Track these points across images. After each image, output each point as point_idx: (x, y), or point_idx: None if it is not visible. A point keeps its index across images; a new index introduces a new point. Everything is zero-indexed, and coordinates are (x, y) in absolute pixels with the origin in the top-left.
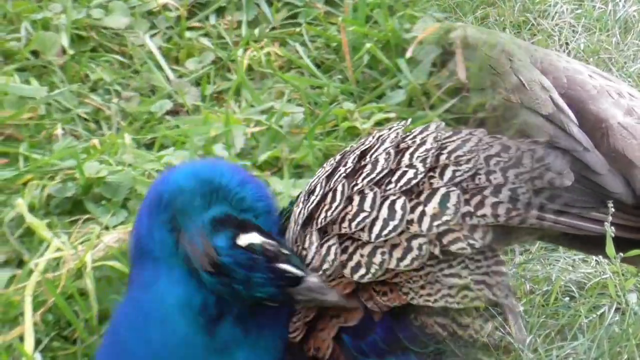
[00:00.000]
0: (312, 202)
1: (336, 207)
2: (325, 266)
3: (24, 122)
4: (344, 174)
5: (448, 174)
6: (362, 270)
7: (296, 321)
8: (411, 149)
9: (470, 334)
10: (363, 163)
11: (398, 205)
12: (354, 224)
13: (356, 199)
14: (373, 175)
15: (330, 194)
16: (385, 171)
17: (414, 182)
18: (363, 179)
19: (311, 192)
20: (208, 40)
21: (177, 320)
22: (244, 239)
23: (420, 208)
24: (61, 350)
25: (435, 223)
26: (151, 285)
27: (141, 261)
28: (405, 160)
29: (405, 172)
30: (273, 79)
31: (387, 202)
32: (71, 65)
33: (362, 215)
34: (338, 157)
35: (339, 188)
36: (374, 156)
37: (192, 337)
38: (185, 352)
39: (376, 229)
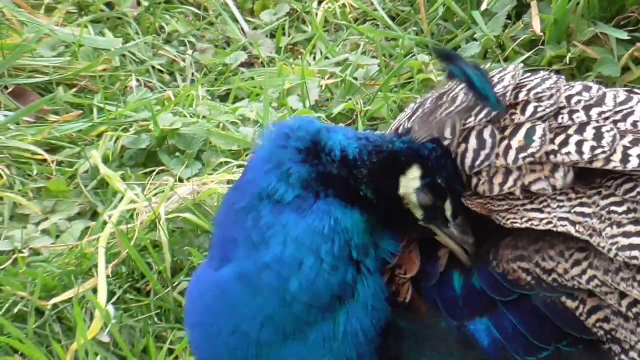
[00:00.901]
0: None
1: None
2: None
3: (98, 74)
4: (421, 114)
5: (530, 109)
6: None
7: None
8: None
9: (555, 278)
10: (440, 102)
11: (486, 134)
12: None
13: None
14: (451, 109)
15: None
16: (465, 104)
17: (494, 113)
18: (441, 113)
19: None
20: None
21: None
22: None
23: (505, 142)
24: (134, 302)
25: (521, 155)
26: (282, 225)
27: (254, 212)
28: None
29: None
30: (348, 31)
31: (474, 133)
32: (146, 16)
33: (446, 142)
34: (418, 101)
35: (415, 127)
36: (451, 95)
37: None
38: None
39: (468, 161)
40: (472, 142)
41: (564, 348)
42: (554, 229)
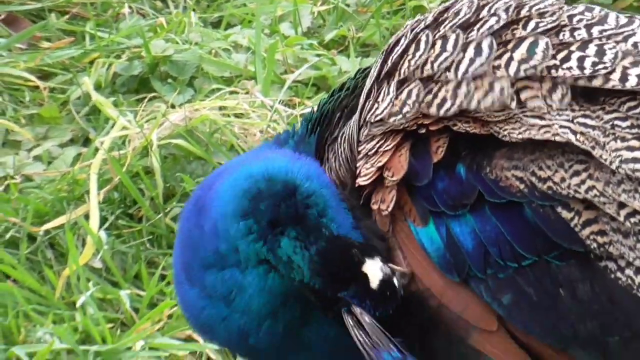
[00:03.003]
0: (396, 52)
1: (420, 56)
2: (406, 109)
3: (91, 1)
4: (424, 25)
5: (532, 25)
6: (448, 104)
7: (369, 167)
8: (490, 4)
9: (550, 186)
10: (443, 17)
11: (485, 44)
12: (436, 65)
13: (438, 43)
14: (455, 21)
15: (414, 45)
16: (468, 16)
17: (496, 27)
18: (445, 26)
19: (395, 44)
20: None
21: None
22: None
23: (507, 55)
24: (126, 228)
25: (523, 67)
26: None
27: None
28: (485, 12)
29: (486, 21)
30: None
31: (473, 44)
32: None
33: (445, 55)
34: (418, 18)
35: (423, 38)
36: (453, 10)
37: None
38: None
39: (462, 67)
40: (470, 52)
41: (553, 261)
42: (554, 138)
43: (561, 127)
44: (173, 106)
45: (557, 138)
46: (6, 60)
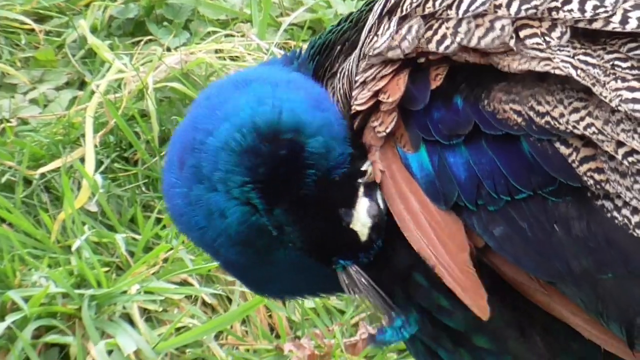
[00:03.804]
0: None
1: None
2: (405, 44)
3: None
4: None
5: None
6: (448, 41)
7: (365, 92)
8: None
9: (547, 121)
10: None
11: None
12: (437, 2)
13: None
14: None
15: None
16: None
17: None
18: None
19: None
20: None
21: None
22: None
23: None
24: (122, 172)
25: (524, 7)
26: None
27: None
28: None
29: None
30: None
31: None
32: None
33: None
34: None
35: None
36: None
37: None
38: None
39: (464, 6)
40: None
41: (549, 197)
42: (554, 71)
43: (562, 61)
44: (169, 49)
45: (557, 71)
46: (2, 3)
